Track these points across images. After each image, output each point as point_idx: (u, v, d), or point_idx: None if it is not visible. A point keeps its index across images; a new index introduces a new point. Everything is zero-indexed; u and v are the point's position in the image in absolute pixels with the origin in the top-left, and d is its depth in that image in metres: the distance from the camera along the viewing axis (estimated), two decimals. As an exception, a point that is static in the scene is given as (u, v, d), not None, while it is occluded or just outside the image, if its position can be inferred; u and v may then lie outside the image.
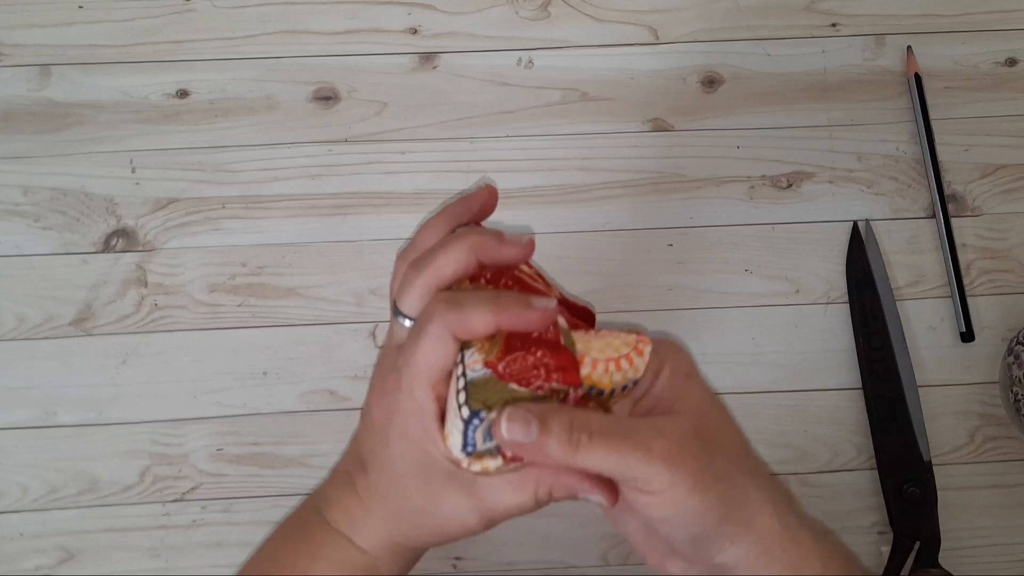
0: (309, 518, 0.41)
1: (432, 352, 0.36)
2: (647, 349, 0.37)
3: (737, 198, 0.62)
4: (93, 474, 0.57)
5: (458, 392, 0.36)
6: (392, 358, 0.38)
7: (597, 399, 0.37)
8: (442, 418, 0.37)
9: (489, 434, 0.36)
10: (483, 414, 0.35)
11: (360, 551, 0.39)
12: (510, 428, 0.34)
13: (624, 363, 0.37)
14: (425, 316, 0.37)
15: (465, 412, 0.35)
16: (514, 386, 0.35)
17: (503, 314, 0.36)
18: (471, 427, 0.35)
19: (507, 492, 0.37)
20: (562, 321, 0.38)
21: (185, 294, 0.59)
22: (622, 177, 0.62)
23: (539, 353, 0.36)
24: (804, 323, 0.60)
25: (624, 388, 0.38)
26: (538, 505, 0.37)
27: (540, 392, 0.36)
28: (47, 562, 0.56)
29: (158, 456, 0.57)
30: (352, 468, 0.40)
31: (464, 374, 0.36)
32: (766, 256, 0.61)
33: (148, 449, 0.57)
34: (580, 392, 0.37)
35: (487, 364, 0.36)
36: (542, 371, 0.36)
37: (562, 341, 0.37)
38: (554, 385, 0.36)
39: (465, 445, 0.36)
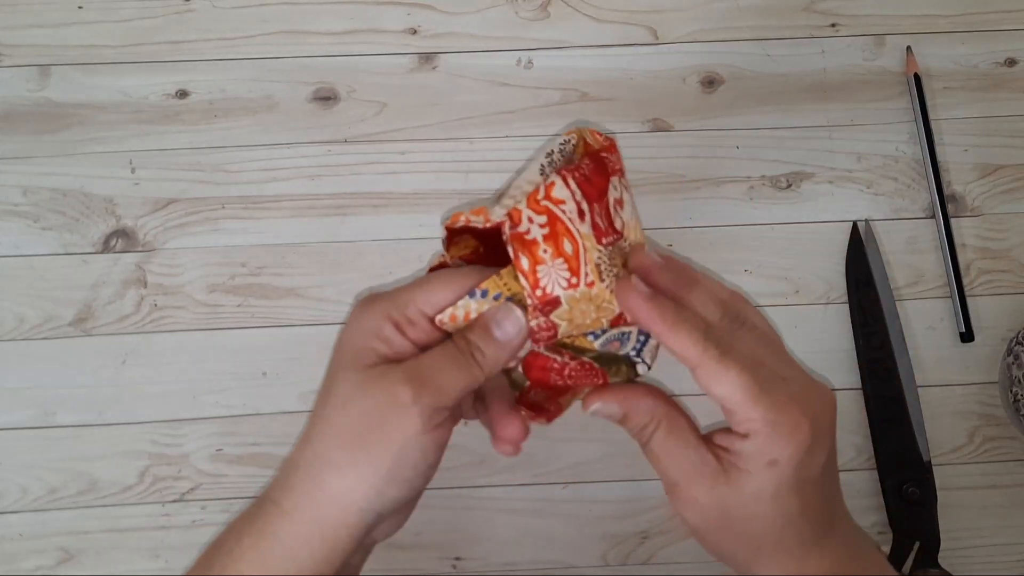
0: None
1: (440, 292, 0.39)
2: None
3: (737, 198, 0.62)
4: (93, 474, 0.57)
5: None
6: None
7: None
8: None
9: None
10: None
11: None
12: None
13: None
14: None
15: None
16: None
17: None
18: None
19: (448, 368, 0.37)
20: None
21: (185, 294, 0.59)
22: (622, 177, 0.62)
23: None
24: (804, 323, 0.60)
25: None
26: (477, 376, 0.37)
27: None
28: (47, 562, 0.56)
29: (158, 456, 0.57)
30: (277, 477, 0.38)
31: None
32: (765, 256, 0.61)
33: (148, 449, 0.57)
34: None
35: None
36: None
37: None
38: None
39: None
